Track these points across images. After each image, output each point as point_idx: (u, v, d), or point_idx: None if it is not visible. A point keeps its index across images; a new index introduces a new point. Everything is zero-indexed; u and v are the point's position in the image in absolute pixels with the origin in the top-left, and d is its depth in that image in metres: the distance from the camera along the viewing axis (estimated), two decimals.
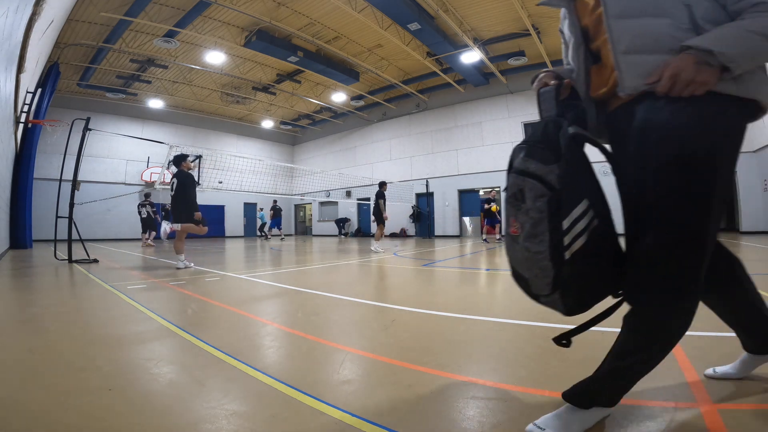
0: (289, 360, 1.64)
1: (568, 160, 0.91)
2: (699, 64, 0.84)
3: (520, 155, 0.97)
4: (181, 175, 5.24)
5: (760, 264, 4.67)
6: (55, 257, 6.12)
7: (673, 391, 1.20)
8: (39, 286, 3.72)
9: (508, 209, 0.98)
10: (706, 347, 1.62)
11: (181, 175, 5.24)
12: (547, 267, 0.89)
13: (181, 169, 5.29)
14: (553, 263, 0.88)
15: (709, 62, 0.83)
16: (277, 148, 22.64)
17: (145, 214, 11.74)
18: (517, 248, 0.97)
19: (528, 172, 0.93)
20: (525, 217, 0.92)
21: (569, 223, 0.87)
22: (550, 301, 0.97)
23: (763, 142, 10.48)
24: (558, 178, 0.90)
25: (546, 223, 0.88)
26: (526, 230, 0.92)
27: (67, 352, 1.69)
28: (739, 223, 11.70)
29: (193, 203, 5.20)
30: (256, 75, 14.76)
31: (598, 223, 0.90)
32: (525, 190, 0.93)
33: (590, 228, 0.89)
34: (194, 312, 2.55)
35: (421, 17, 10.22)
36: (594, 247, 0.89)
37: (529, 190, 0.91)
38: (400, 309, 2.53)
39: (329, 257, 6.91)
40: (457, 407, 1.16)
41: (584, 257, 0.88)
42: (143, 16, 10.10)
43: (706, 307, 2.52)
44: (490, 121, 15.52)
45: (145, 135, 16.14)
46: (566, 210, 0.88)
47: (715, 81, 0.86)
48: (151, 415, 1.11)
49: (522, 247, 0.94)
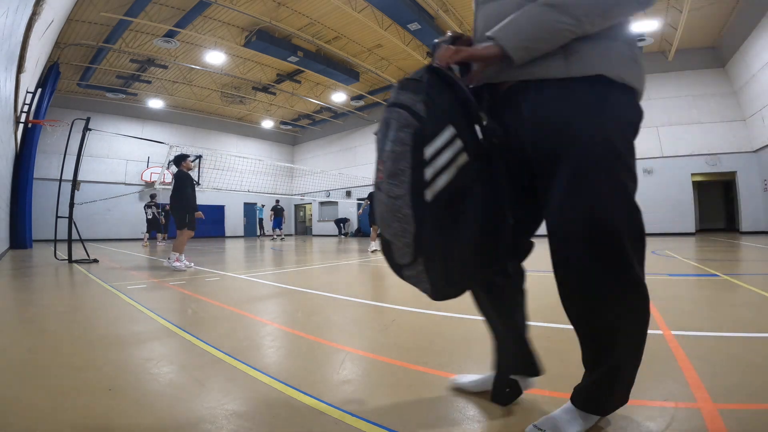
0: (289, 360, 1.64)
1: (432, 83, 0.84)
2: (489, 50, 0.85)
3: (394, 89, 0.89)
4: (179, 174, 5.23)
5: (760, 264, 4.67)
6: (55, 257, 6.12)
7: (673, 391, 1.20)
8: (39, 286, 3.72)
9: (377, 152, 0.88)
10: (706, 347, 1.62)
11: (178, 174, 5.24)
12: (408, 217, 0.80)
13: (180, 168, 5.29)
14: (413, 211, 0.79)
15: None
16: (277, 148, 22.64)
17: (151, 215, 12.11)
18: (380, 198, 0.86)
19: (398, 103, 0.85)
20: (388, 153, 0.82)
21: (432, 152, 0.79)
22: (413, 276, 0.90)
23: (763, 142, 10.48)
24: (424, 105, 0.81)
25: (409, 158, 0.79)
26: (388, 168, 0.81)
27: (67, 352, 1.69)
28: (739, 223, 11.70)
29: (189, 203, 5.15)
30: (256, 75, 14.76)
31: (468, 161, 0.82)
32: (391, 121, 0.84)
33: (457, 163, 0.81)
34: (194, 312, 2.55)
35: (421, 17, 10.22)
36: (461, 192, 0.82)
37: (395, 120, 0.83)
38: (400, 309, 2.53)
39: (329, 257, 6.91)
40: (457, 407, 1.16)
41: (449, 205, 0.81)
42: (143, 16, 10.10)
43: (705, 307, 2.53)
44: None
45: (145, 135, 16.14)
46: (429, 138, 0.80)
47: (493, 68, 0.88)
48: (151, 415, 1.11)
49: (384, 194, 0.83)
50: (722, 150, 11.63)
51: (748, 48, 10.28)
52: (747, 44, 10.31)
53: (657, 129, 12.50)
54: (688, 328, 1.91)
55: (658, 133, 12.48)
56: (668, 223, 12.05)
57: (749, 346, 1.60)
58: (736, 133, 11.45)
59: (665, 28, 11.03)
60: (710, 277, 3.63)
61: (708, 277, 3.64)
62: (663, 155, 12.37)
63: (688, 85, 12.21)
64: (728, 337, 1.74)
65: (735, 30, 10.67)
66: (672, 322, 1.99)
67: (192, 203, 5.18)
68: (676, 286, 3.26)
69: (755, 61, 10.10)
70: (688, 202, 12.03)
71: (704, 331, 1.84)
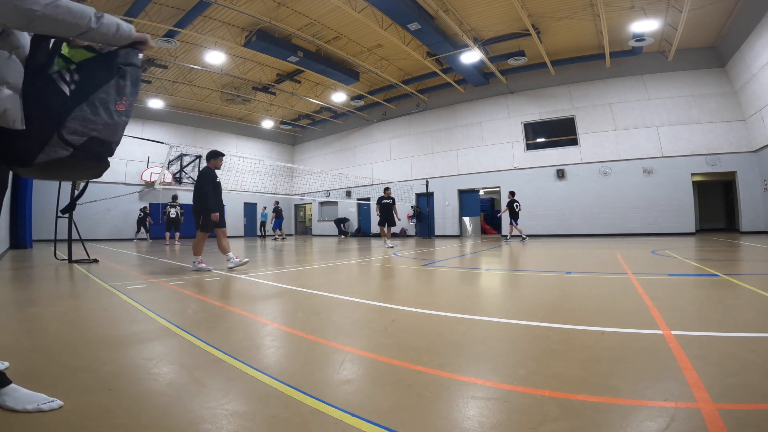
0: (289, 360, 1.64)
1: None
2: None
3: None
4: (202, 171, 4.98)
5: (760, 264, 4.67)
6: (55, 257, 6.12)
7: (673, 391, 1.20)
8: (39, 286, 3.72)
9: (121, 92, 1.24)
10: (706, 347, 1.62)
11: (202, 171, 4.99)
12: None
13: (207, 165, 5.04)
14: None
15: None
16: (277, 148, 22.65)
17: (174, 215, 12.79)
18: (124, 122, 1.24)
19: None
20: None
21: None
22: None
23: (763, 142, 10.48)
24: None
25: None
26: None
27: (67, 352, 1.69)
28: (739, 223, 11.70)
29: (206, 202, 4.85)
30: (256, 75, 14.77)
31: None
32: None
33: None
34: (194, 312, 2.55)
35: (421, 17, 10.23)
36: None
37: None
38: (400, 309, 2.53)
39: (329, 257, 6.91)
40: (457, 407, 1.16)
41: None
42: (143, 16, 10.10)
43: (705, 307, 2.53)
44: (490, 120, 15.53)
45: (145, 135, 16.12)
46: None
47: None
48: (151, 415, 1.11)
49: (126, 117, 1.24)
50: (722, 150, 11.63)
51: (748, 48, 10.29)
52: (747, 44, 10.31)
53: (657, 129, 12.51)
54: (687, 328, 1.91)
55: (658, 133, 12.48)
56: (668, 223, 12.05)
57: (749, 346, 1.60)
58: (736, 133, 11.45)
59: (665, 28, 11.03)
60: (710, 277, 3.63)
61: (708, 277, 3.64)
62: (663, 155, 12.38)
63: (688, 85, 12.22)
64: (728, 337, 1.75)
65: (735, 30, 10.67)
66: (672, 322, 1.99)
67: (208, 203, 4.85)
68: (676, 286, 3.26)
69: (755, 61, 10.10)
70: (688, 202, 12.03)
71: (704, 331, 1.84)
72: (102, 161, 1.25)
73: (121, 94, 1.20)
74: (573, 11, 10.51)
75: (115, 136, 1.23)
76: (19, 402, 1.12)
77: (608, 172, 13.13)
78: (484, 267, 5.28)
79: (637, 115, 12.84)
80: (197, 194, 4.94)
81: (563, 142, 14.13)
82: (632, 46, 11.90)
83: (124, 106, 1.22)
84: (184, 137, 18.28)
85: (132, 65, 1.24)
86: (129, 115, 1.27)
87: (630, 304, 2.54)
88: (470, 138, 16.02)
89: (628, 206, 12.66)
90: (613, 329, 1.92)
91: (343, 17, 10.82)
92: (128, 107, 1.24)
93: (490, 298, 3.11)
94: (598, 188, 13.22)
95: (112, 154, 1.26)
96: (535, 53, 12.57)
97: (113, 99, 1.19)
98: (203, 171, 4.99)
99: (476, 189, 15.97)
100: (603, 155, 13.26)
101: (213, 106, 18.14)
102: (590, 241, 10.23)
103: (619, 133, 13.07)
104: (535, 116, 14.62)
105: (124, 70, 1.21)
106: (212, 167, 5.03)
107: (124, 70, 1.21)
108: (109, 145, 1.23)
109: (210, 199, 4.85)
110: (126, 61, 1.22)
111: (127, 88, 1.22)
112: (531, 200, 14.21)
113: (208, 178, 4.92)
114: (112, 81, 1.18)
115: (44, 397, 1.14)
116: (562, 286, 3.45)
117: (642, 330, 1.89)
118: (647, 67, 12.72)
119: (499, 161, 15.18)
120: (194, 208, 5.00)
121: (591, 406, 1.11)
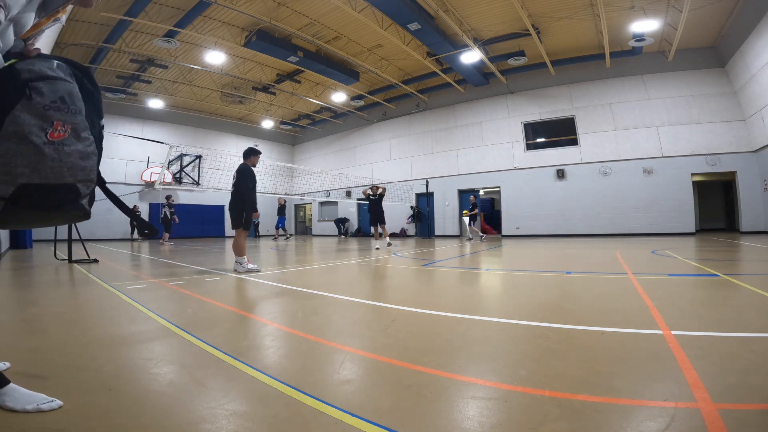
0: (289, 360, 1.64)
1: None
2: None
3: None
4: (241, 169, 4.85)
5: (760, 264, 4.67)
6: (55, 257, 6.12)
7: (673, 391, 1.20)
8: (39, 286, 3.72)
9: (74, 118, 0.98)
10: (706, 347, 1.62)
11: (240, 169, 4.85)
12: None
13: (244, 162, 4.93)
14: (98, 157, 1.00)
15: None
16: (277, 148, 22.65)
17: (162, 215, 12.77)
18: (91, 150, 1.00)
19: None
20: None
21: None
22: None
23: (763, 142, 10.48)
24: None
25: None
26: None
27: (67, 352, 1.69)
28: (739, 223, 11.70)
29: (248, 199, 4.74)
30: (256, 75, 14.77)
31: None
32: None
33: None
34: (194, 312, 2.55)
35: (421, 17, 10.22)
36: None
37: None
38: (400, 309, 2.53)
39: (329, 257, 6.91)
40: (457, 407, 1.16)
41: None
42: (143, 16, 10.10)
43: (705, 307, 2.53)
44: (490, 121, 15.53)
45: (145, 135, 16.13)
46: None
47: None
48: (151, 415, 1.11)
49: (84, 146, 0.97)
50: (722, 150, 11.63)
51: (748, 48, 10.29)
52: (747, 44, 10.31)
53: (657, 129, 12.50)
54: (687, 328, 1.91)
55: (658, 133, 12.48)
56: (668, 223, 12.05)
57: (749, 346, 1.60)
58: (736, 133, 11.45)
59: (665, 28, 11.03)
60: (710, 277, 3.63)
61: (708, 277, 3.64)
62: (663, 155, 12.38)
63: (688, 85, 12.22)
64: (728, 336, 1.75)
65: (735, 30, 10.67)
66: (672, 322, 1.99)
67: (251, 200, 4.77)
68: (676, 286, 3.26)
69: (755, 61, 10.10)
70: (688, 202, 12.03)
71: (704, 331, 1.84)
72: (61, 209, 0.96)
73: (46, 118, 0.89)
74: (573, 11, 10.51)
75: (63, 177, 0.92)
76: (19, 402, 1.11)
77: (608, 172, 13.13)
78: (484, 267, 5.28)
79: (637, 115, 12.84)
80: (237, 191, 4.78)
81: (563, 142, 14.12)
82: (632, 46, 11.90)
83: (62, 134, 0.91)
84: (184, 137, 18.27)
85: (47, 78, 0.91)
86: (84, 140, 0.96)
87: (630, 304, 2.54)
88: (470, 138, 16.02)
89: (628, 206, 12.66)
90: (613, 329, 1.92)
91: (343, 17, 10.82)
92: (75, 132, 0.93)
93: (490, 298, 3.11)
94: (598, 188, 13.22)
95: (78, 195, 0.97)
96: (535, 53, 12.57)
97: (35, 127, 0.87)
98: (242, 168, 4.85)
99: (476, 189, 15.96)
100: (603, 155, 13.26)
101: (213, 106, 18.14)
102: (590, 241, 10.23)
103: (619, 133, 13.07)
104: (535, 116, 14.62)
105: (36, 87, 0.89)
106: (249, 164, 4.93)
107: (34, 86, 0.89)
108: (62, 189, 0.93)
109: (253, 196, 4.80)
110: (33, 75, 0.90)
111: (54, 108, 0.90)
112: (531, 200, 14.21)
113: (248, 175, 4.83)
114: (18, 105, 0.87)
115: (44, 397, 1.13)
116: (562, 286, 3.45)
117: (642, 330, 1.89)
118: (647, 67, 12.72)
119: (499, 161, 15.18)
120: (233, 205, 4.82)
121: (591, 406, 1.11)
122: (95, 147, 1.01)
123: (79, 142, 0.95)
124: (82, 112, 0.97)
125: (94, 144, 1.00)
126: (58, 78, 0.94)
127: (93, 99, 1.03)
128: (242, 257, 4.65)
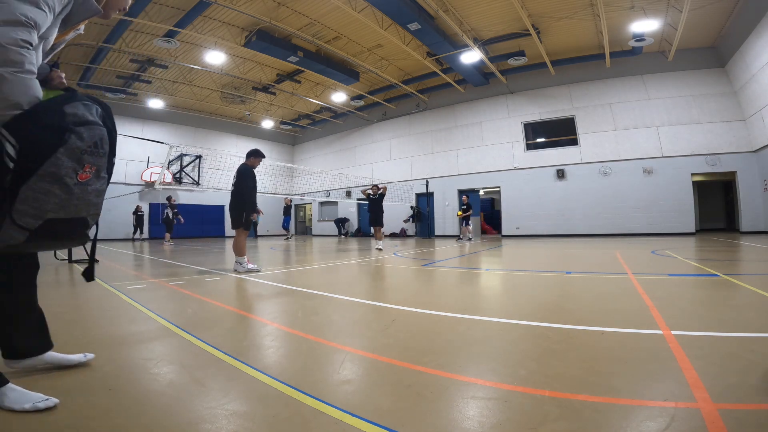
0: (289, 360, 1.64)
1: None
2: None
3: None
4: (241, 169, 4.83)
5: (760, 264, 4.67)
6: (55, 257, 6.11)
7: (673, 391, 1.20)
8: (39, 286, 3.71)
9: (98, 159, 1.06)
10: (706, 347, 1.62)
11: (240, 169, 4.84)
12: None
13: (244, 163, 4.91)
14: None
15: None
16: (277, 148, 22.64)
17: (164, 215, 12.83)
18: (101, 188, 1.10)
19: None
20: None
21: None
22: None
23: (763, 142, 10.48)
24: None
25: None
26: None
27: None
28: (739, 223, 11.70)
29: (248, 199, 4.74)
30: (256, 75, 14.76)
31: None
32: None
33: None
34: (194, 312, 2.55)
35: (421, 17, 10.22)
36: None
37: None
38: (400, 309, 2.53)
39: (329, 257, 6.91)
40: (457, 407, 1.16)
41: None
42: (143, 16, 10.09)
43: (705, 307, 2.53)
44: (490, 121, 15.53)
45: (145, 135, 16.12)
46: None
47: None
48: (151, 415, 1.11)
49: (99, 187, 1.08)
50: (722, 150, 11.63)
51: (748, 48, 10.28)
52: (747, 44, 10.31)
53: (657, 129, 12.50)
54: (687, 328, 1.91)
55: (658, 133, 12.48)
56: (668, 223, 12.05)
57: (749, 346, 1.60)
58: (736, 133, 11.45)
59: (665, 28, 11.03)
60: (710, 277, 3.63)
61: (708, 277, 3.64)
62: (663, 155, 12.38)
63: (688, 85, 12.21)
64: (728, 337, 1.75)
65: (735, 30, 10.67)
66: (672, 322, 1.99)
67: (251, 200, 4.78)
68: (676, 286, 3.26)
69: (755, 61, 10.10)
70: (688, 202, 12.03)
71: (704, 331, 1.84)
72: (73, 238, 1.10)
73: (81, 161, 0.97)
74: (573, 11, 10.51)
75: (80, 212, 1.03)
76: (16, 401, 1.12)
77: (608, 172, 13.13)
78: (484, 267, 5.28)
79: (637, 115, 12.84)
80: (237, 191, 4.78)
81: (563, 142, 14.12)
82: (632, 46, 11.90)
83: (89, 175, 1.00)
84: (184, 137, 18.27)
85: (88, 124, 0.99)
86: (101, 179, 1.06)
87: (630, 304, 2.54)
88: (470, 138, 16.02)
89: (628, 206, 12.66)
90: (613, 329, 1.92)
91: (343, 17, 10.82)
92: (97, 173, 1.03)
93: (490, 298, 3.11)
94: (598, 188, 13.22)
95: (87, 227, 1.10)
96: (535, 53, 12.56)
97: (70, 170, 0.95)
98: (243, 168, 4.84)
99: (476, 189, 15.96)
100: (603, 155, 13.26)
101: (213, 106, 18.14)
102: (590, 241, 10.23)
103: (619, 133, 13.07)
104: (535, 116, 14.62)
105: (78, 132, 0.96)
106: (250, 165, 4.91)
107: (77, 131, 0.96)
108: (77, 222, 1.05)
109: (254, 196, 4.81)
110: (77, 119, 0.97)
111: (89, 152, 0.99)
112: (531, 200, 14.21)
113: (249, 176, 4.84)
114: (61, 149, 0.93)
115: (40, 396, 1.14)
116: (562, 286, 3.45)
117: (642, 330, 1.89)
118: (647, 67, 12.71)
119: (499, 161, 15.17)
120: (233, 205, 4.83)
121: (591, 406, 1.11)
122: (107, 184, 1.12)
123: (98, 181, 1.05)
124: (107, 154, 1.07)
125: (107, 182, 1.09)
126: (95, 124, 1.02)
127: (111, 139, 1.10)
128: (242, 257, 4.66)
